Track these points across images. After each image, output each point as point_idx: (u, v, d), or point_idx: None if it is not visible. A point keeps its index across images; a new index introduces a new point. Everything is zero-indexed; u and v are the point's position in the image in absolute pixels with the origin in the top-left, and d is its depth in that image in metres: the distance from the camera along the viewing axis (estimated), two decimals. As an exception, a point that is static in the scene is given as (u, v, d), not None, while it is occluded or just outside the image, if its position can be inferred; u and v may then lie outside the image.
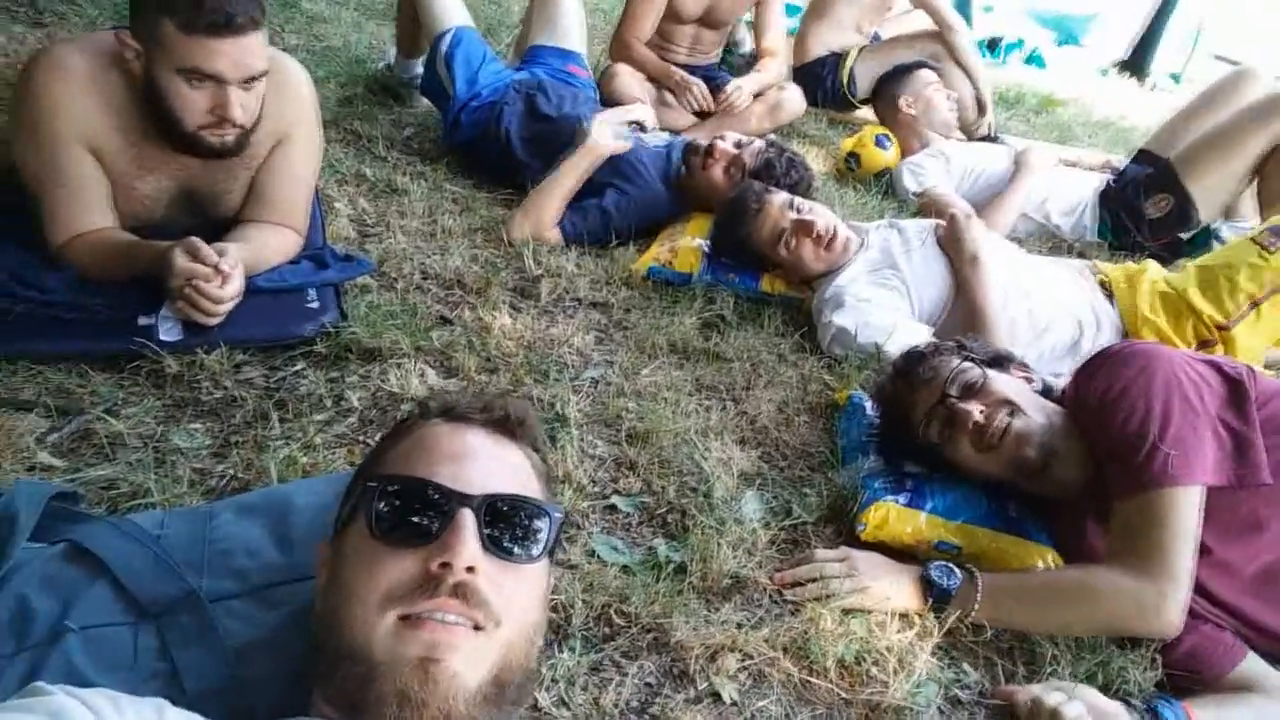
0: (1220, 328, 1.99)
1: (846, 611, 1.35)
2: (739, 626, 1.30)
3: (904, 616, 1.37)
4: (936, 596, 1.38)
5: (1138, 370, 1.42)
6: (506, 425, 0.95)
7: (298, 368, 1.73)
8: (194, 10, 1.53)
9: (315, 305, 1.84)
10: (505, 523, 0.87)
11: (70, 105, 1.66)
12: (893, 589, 1.39)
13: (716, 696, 1.20)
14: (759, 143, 2.53)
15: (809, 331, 2.14)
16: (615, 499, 1.52)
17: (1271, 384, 1.50)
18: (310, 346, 1.76)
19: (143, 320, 1.69)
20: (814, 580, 1.39)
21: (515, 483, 0.91)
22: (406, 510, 0.84)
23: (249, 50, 1.61)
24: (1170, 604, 1.27)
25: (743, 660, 1.25)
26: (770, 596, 1.38)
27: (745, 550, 1.44)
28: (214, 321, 1.68)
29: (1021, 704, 1.24)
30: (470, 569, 0.81)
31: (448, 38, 2.77)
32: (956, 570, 1.40)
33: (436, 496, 0.85)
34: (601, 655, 1.23)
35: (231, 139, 1.71)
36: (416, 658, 0.78)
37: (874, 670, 1.27)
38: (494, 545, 0.85)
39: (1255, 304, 1.99)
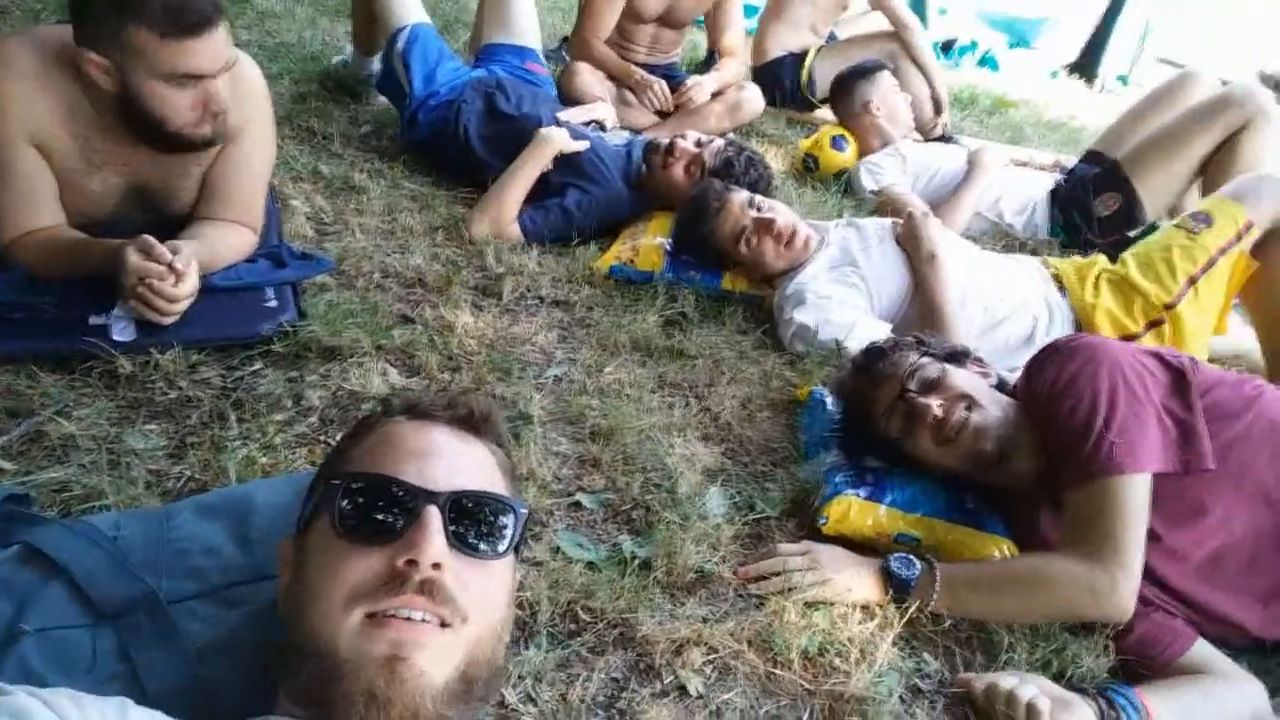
0: (1167, 306, 2.06)
1: (809, 604, 1.37)
2: (704, 620, 1.31)
3: (865, 608, 1.39)
4: (897, 587, 1.40)
5: (1083, 362, 1.46)
6: (471, 421, 0.95)
7: (255, 367, 1.70)
8: (170, 16, 1.53)
9: (273, 304, 1.81)
10: (471, 519, 0.87)
11: (15, 102, 1.62)
12: (854, 581, 1.41)
13: (683, 690, 1.21)
14: (719, 141, 2.55)
15: (770, 328, 2.16)
16: (580, 496, 1.53)
17: (1212, 373, 1.55)
18: (268, 346, 1.74)
19: (94, 320, 1.65)
20: (777, 574, 1.41)
21: (480, 479, 0.91)
22: (371, 508, 0.84)
23: (221, 41, 1.61)
24: (1122, 589, 1.31)
25: (708, 654, 1.26)
26: (735, 590, 1.39)
27: (709, 545, 1.45)
28: (169, 321, 1.65)
29: (979, 691, 1.27)
30: (436, 566, 0.81)
31: (404, 34, 2.75)
32: (916, 561, 1.42)
33: (401, 494, 0.85)
34: (568, 651, 1.23)
35: (210, 129, 1.70)
36: (383, 656, 0.78)
37: (837, 661, 1.29)
38: (460, 542, 0.85)
39: (1192, 281, 2.07)
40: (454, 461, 0.90)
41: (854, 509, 1.52)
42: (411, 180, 2.59)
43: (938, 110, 3.81)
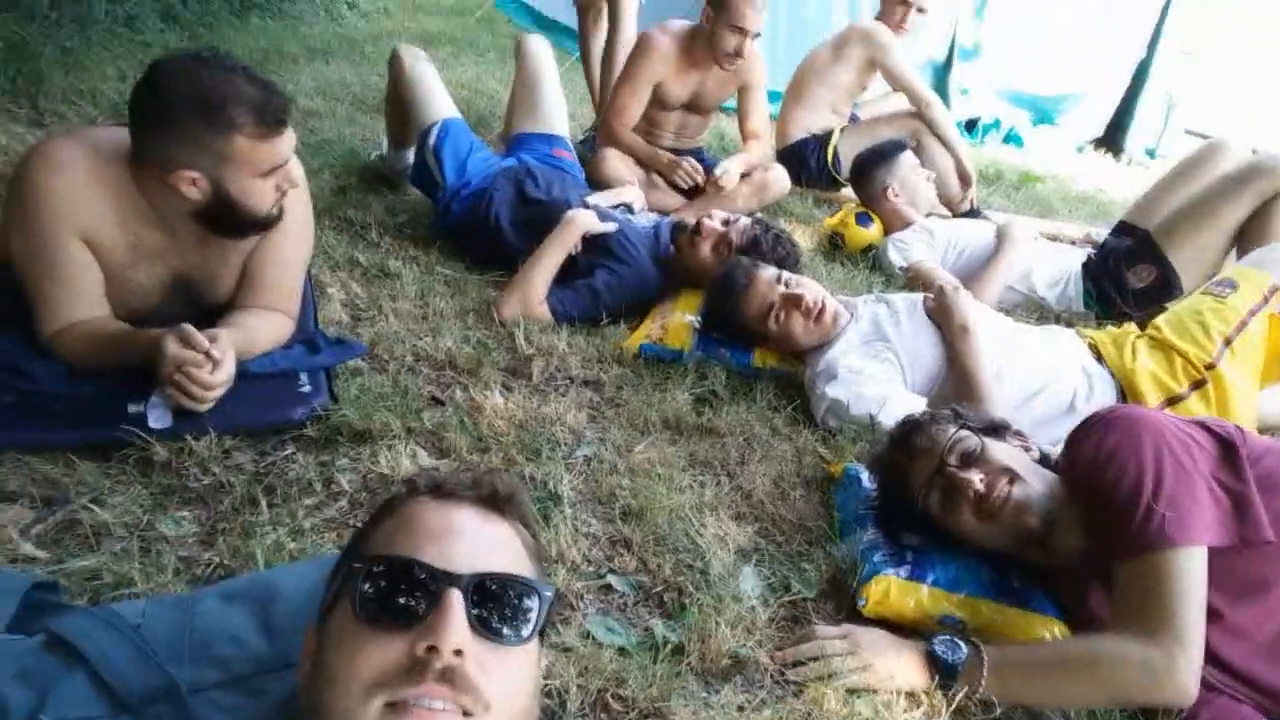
0: (1208, 366, 2.02)
1: (851, 691, 1.31)
2: (740, 709, 1.26)
3: (910, 695, 1.33)
4: (942, 672, 1.34)
5: (1124, 432, 1.41)
6: (495, 501, 0.94)
7: (287, 452, 1.71)
8: (262, 120, 1.64)
9: (307, 389, 1.83)
10: (494, 603, 0.85)
11: (66, 198, 1.68)
12: (897, 666, 1.35)
13: (719, 784, 1.16)
14: (745, 220, 2.57)
15: (802, 404, 2.14)
16: (610, 578, 1.50)
17: (1261, 442, 1.50)
18: (301, 430, 1.75)
19: (132, 408, 1.68)
20: (816, 659, 1.35)
21: (504, 560, 0.89)
22: (392, 591, 0.82)
23: (291, 128, 1.74)
24: (1180, 669, 1.24)
25: (745, 744, 1.21)
26: (771, 677, 1.34)
27: (744, 628, 1.40)
28: (204, 408, 1.67)
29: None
30: (458, 652, 0.79)
31: (436, 129, 2.84)
32: (962, 645, 1.37)
33: (423, 576, 0.83)
34: (598, 742, 1.19)
35: (282, 202, 1.81)
36: None
37: (881, 752, 1.23)
38: (483, 626, 0.83)
39: (1228, 341, 2.04)
40: (477, 543, 0.88)
41: (894, 589, 1.47)
42: (445, 266, 2.64)
43: (965, 184, 3.83)
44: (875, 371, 2.08)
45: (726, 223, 2.54)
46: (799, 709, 1.27)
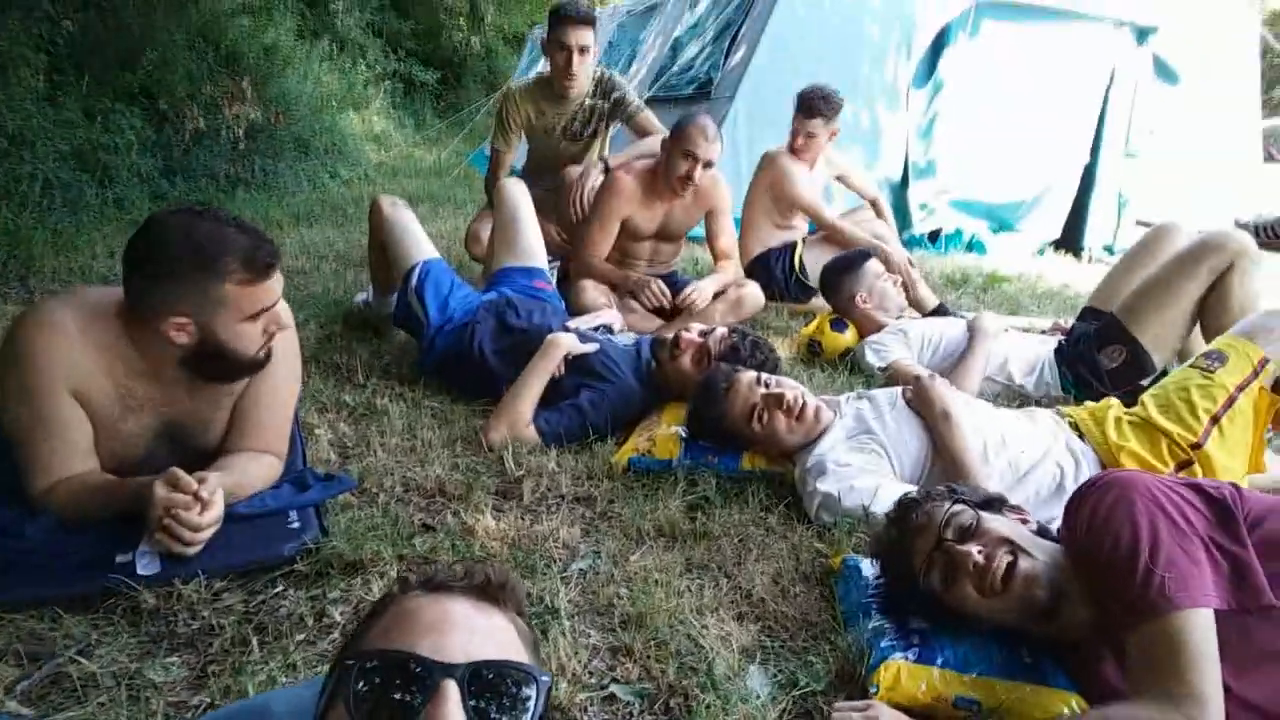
0: (1194, 446, 2.02)
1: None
2: (757, 809, 1.21)
3: (931, 779, 1.28)
4: None
5: (1117, 497, 1.41)
6: (489, 591, 0.93)
7: (278, 589, 1.69)
8: (251, 266, 1.71)
9: (296, 525, 1.83)
10: (491, 692, 0.83)
11: (57, 355, 1.72)
12: None
13: None
14: (722, 329, 2.64)
15: (794, 503, 2.14)
16: (614, 688, 1.46)
17: (1262, 501, 1.48)
18: (291, 566, 1.73)
19: (120, 558, 1.67)
20: None
21: (500, 649, 0.88)
22: (387, 686, 0.81)
23: (279, 272, 1.81)
24: None
25: (765, 846, 1.15)
26: (786, 772, 1.29)
27: (754, 726, 1.36)
28: (193, 551, 1.66)
29: None
30: None
31: (417, 270, 2.94)
32: None
33: (417, 670, 0.82)
34: None
35: (271, 345, 1.86)
36: None
37: (908, 843, 1.17)
38: (480, 717, 0.81)
39: (1215, 420, 2.04)
40: (472, 632, 0.88)
41: (904, 673, 1.44)
42: (431, 399, 2.68)
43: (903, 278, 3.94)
44: (864, 463, 2.10)
45: (704, 334, 2.60)
46: (818, 804, 1.22)
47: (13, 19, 5.25)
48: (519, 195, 3.24)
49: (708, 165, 3.44)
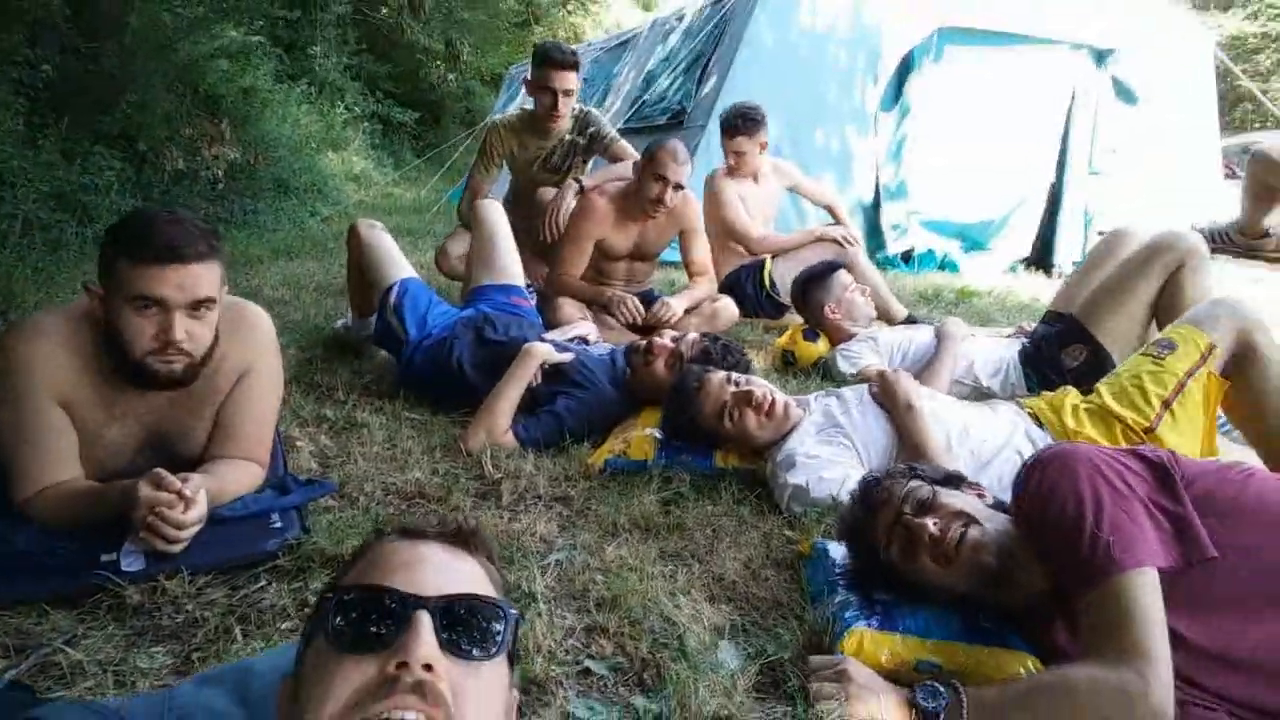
0: (1147, 430, 2.10)
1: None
2: (726, 764, 1.25)
3: (893, 731, 1.33)
4: (925, 718, 1.35)
5: (1060, 467, 1.48)
6: (460, 536, 0.99)
7: (260, 584, 1.73)
8: (142, 243, 1.69)
9: (278, 525, 1.87)
10: (462, 625, 0.89)
11: (42, 362, 1.77)
12: (881, 709, 1.35)
13: (710, 835, 1.14)
14: (693, 334, 2.71)
15: (766, 495, 2.20)
16: (589, 663, 1.50)
17: (1195, 464, 1.56)
18: (273, 562, 1.77)
19: (105, 557, 1.70)
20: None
21: (471, 587, 0.93)
22: (364, 617, 0.86)
23: (195, 277, 1.73)
24: (1154, 687, 1.24)
25: (734, 796, 1.20)
26: (754, 730, 1.34)
27: (724, 692, 1.41)
28: (176, 549, 1.70)
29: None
30: (428, 668, 0.82)
31: (395, 289, 3.00)
32: (941, 689, 1.37)
33: (392, 603, 0.87)
34: (585, 808, 1.17)
35: (179, 367, 1.78)
36: None
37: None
38: (452, 646, 0.86)
39: (1167, 404, 2.11)
40: (444, 571, 0.93)
41: (867, 640, 1.49)
42: (411, 412, 2.73)
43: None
44: (832, 455, 2.16)
45: (676, 339, 2.68)
46: (784, 756, 1.26)
47: (-8, 64, 5.34)
48: (496, 216, 3.32)
49: (678, 188, 3.55)
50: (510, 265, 3.22)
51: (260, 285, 4.74)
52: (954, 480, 1.70)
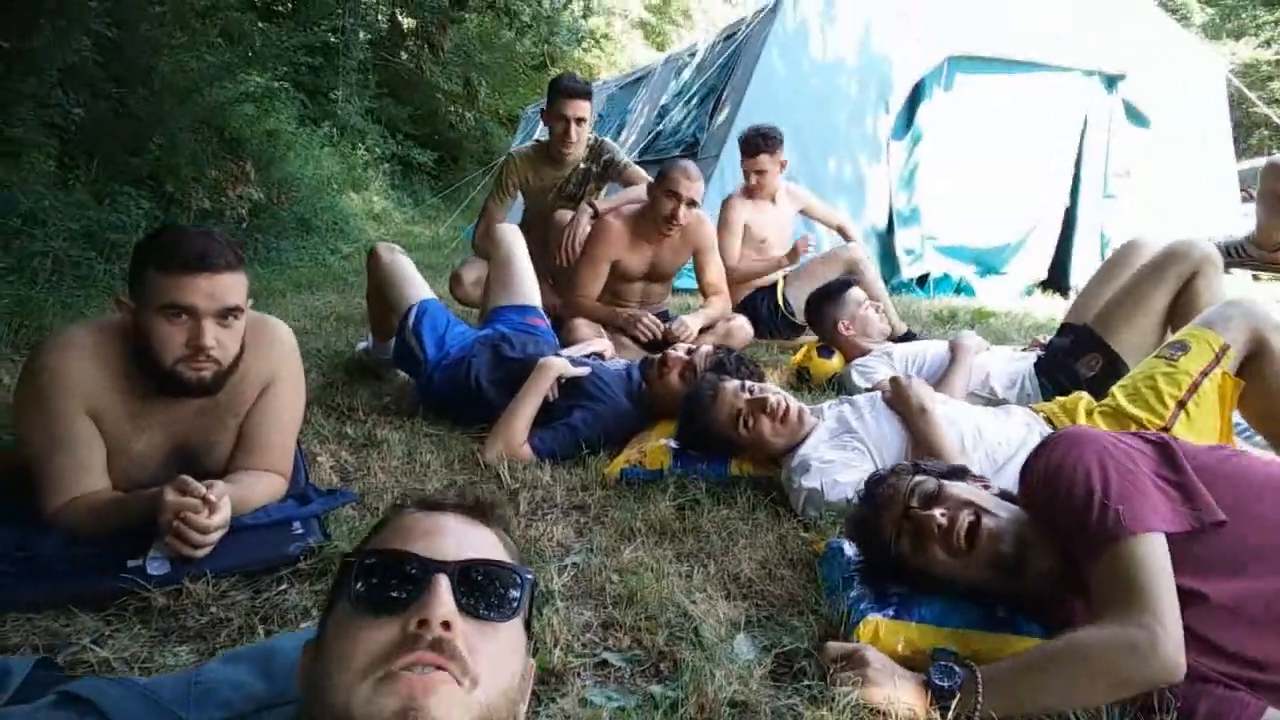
0: (1162, 430, 2.09)
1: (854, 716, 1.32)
2: (742, 747, 1.26)
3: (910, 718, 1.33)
4: (940, 697, 1.35)
5: (1066, 448, 1.50)
6: (478, 508, 1.02)
7: (282, 587, 1.75)
8: (173, 253, 1.75)
9: (300, 532, 1.90)
10: (480, 589, 0.91)
11: (73, 374, 1.82)
12: (897, 692, 1.36)
13: (727, 813, 1.15)
14: (707, 347, 2.75)
15: (781, 500, 2.21)
16: (606, 655, 1.51)
17: (1192, 445, 1.59)
18: (295, 566, 1.80)
19: (131, 563, 1.73)
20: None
21: (488, 554, 0.96)
22: (384, 582, 0.89)
23: (223, 286, 1.79)
24: (1162, 643, 1.25)
25: (750, 776, 1.21)
26: (771, 713, 1.34)
27: (740, 679, 1.41)
28: (201, 553, 1.73)
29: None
30: (446, 626, 0.85)
31: (414, 310, 3.06)
32: (956, 669, 1.38)
33: (412, 568, 0.90)
34: (602, 788, 1.18)
35: (208, 374, 1.83)
36: (395, 710, 0.79)
37: (888, 773, 1.22)
38: (469, 608, 0.89)
39: (1181, 405, 2.11)
40: (462, 539, 0.96)
41: (882, 629, 1.50)
42: (430, 428, 2.77)
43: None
44: (847, 460, 2.17)
45: (690, 351, 2.71)
46: (800, 737, 1.27)
47: (25, 107, 5.51)
48: (514, 239, 3.39)
49: (691, 204, 3.60)
50: (528, 287, 3.27)
51: (283, 316, 4.76)
52: (958, 473, 1.72)
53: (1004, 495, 1.67)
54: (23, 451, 1.87)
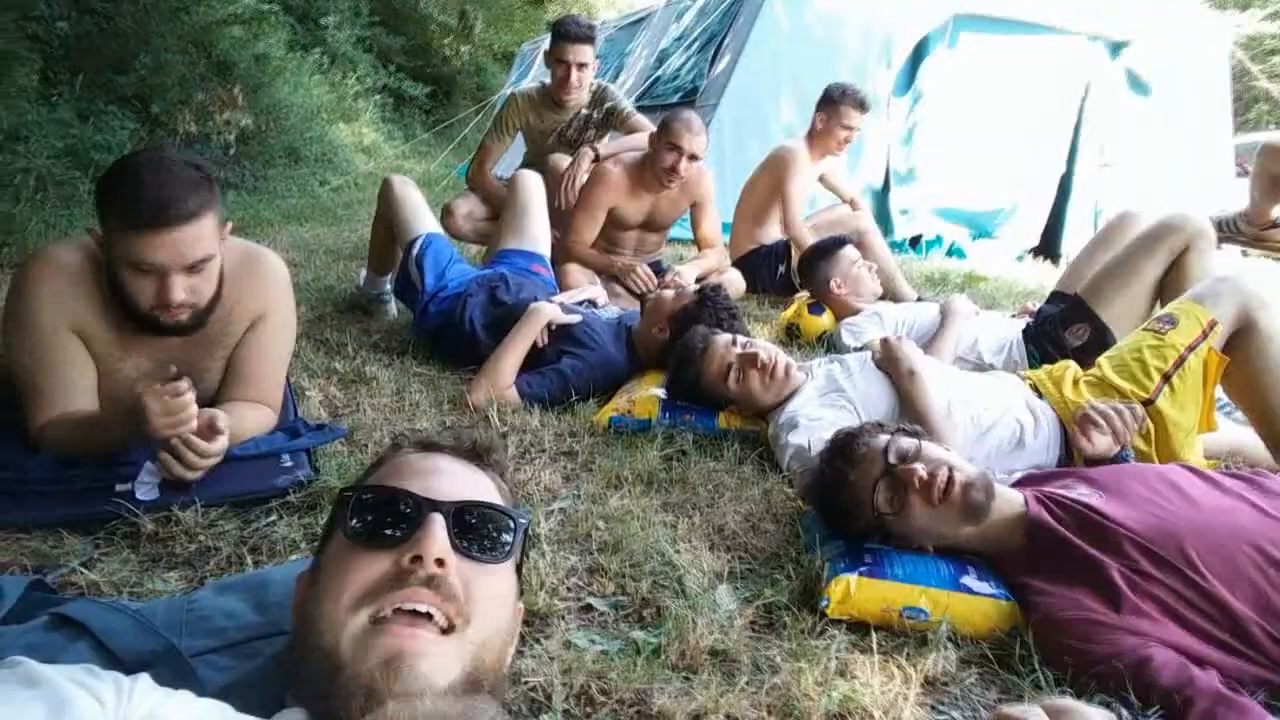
0: (1146, 403, 2.12)
1: (829, 669, 1.35)
2: (720, 693, 1.29)
3: (883, 669, 1.37)
4: None
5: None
6: (474, 451, 1.03)
7: (271, 519, 1.77)
8: (130, 208, 1.65)
9: (289, 464, 1.91)
10: (474, 531, 0.92)
11: (59, 293, 1.80)
12: None
13: (705, 756, 1.18)
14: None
15: (767, 455, 2.23)
16: (590, 600, 1.54)
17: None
18: (284, 499, 1.81)
19: (120, 487, 1.74)
20: None
21: (483, 497, 0.97)
22: (379, 518, 0.90)
23: (187, 240, 1.70)
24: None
25: (728, 722, 1.24)
26: (750, 663, 1.38)
27: (721, 629, 1.45)
28: (192, 475, 1.72)
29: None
30: (440, 563, 0.86)
31: (419, 241, 3.04)
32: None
33: (407, 506, 0.91)
34: (584, 727, 1.21)
35: (185, 317, 1.80)
36: (382, 660, 0.80)
37: (861, 724, 1.26)
38: (463, 549, 0.90)
39: (1166, 378, 2.14)
40: (457, 480, 0.97)
41: (854, 586, 1.53)
42: (421, 366, 2.77)
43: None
44: (835, 418, 2.19)
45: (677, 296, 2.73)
46: (779, 686, 1.30)
47: (8, 17, 5.35)
48: (536, 187, 3.36)
49: (693, 158, 3.56)
50: (539, 235, 3.26)
51: (272, 248, 4.75)
52: (917, 435, 1.76)
53: None
54: (10, 372, 1.86)
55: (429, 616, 0.84)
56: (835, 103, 4.36)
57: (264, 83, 8.55)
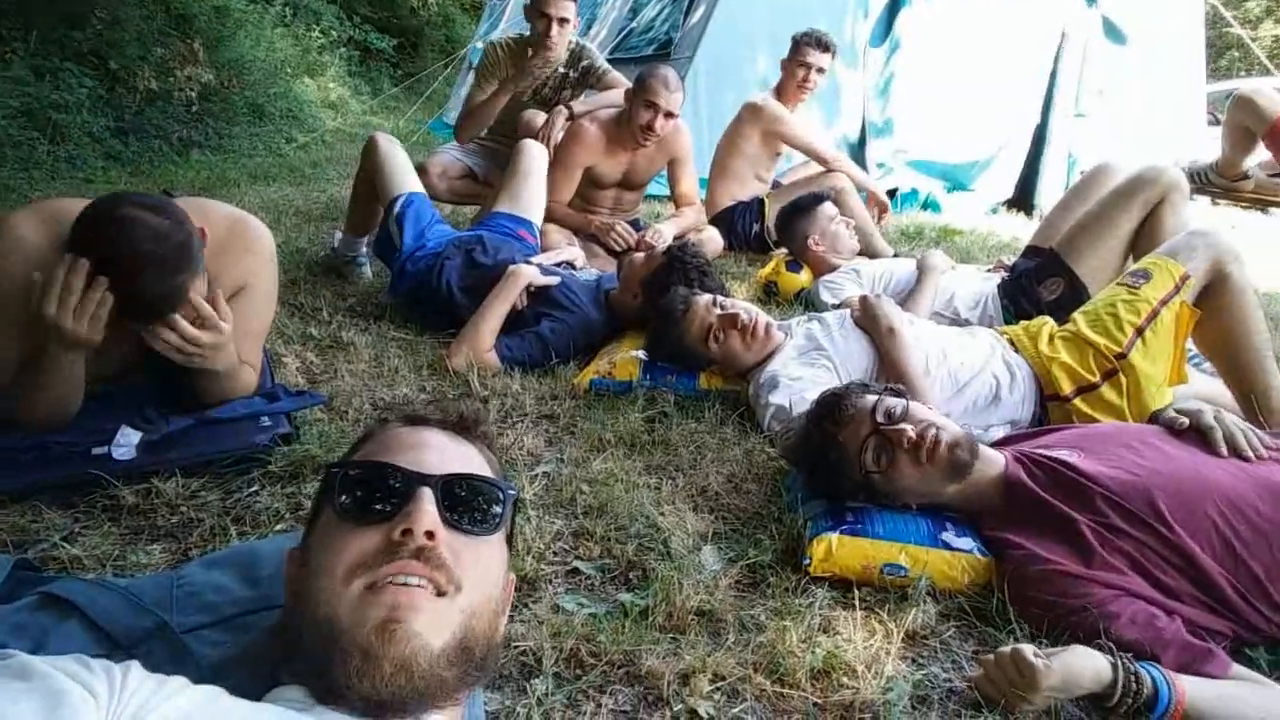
0: (1119, 355, 2.16)
1: (813, 627, 1.38)
2: (708, 653, 1.32)
3: (865, 625, 1.40)
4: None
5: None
6: (462, 424, 1.02)
7: (254, 488, 1.76)
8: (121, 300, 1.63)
9: (268, 424, 1.90)
10: (463, 503, 0.92)
11: (36, 267, 1.76)
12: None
13: (694, 714, 1.21)
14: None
15: (748, 415, 2.25)
16: (577, 563, 1.56)
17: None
18: (266, 467, 1.80)
19: (96, 450, 1.72)
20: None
21: (471, 469, 0.97)
22: (368, 494, 0.90)
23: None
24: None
25: (714, 681, 1.27)
26: (735, 623, 1.40)
27: (706, 589, 1.47)
28: (178, 358, 1.72)
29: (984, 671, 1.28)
30: (430, 535, 0.86)
31: (400, 200, 3.00)
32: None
33: (395, 481, 0.91)
34: (574, 689, 1.23)
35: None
36: (379, 619, 0.81)
37: (844, 679, 1.29)
38: (452, 522, 0.90)
39: (1139, 331, 2.17)
40: (445, 453, 0.97)
41: (835, 544, 1.56)
42: (398, 331, 2.75)
43: (881, 211, 4.12)
44: (814, 377, 2.21)
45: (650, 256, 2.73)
46: (764, 645, 1.33)
47: (-46, -29, 5.15)
48: (539, 158, 3.32)
49: (669, 115, 3.52)
50: (533, 203, 3.22)
51: (240, 208, 4.68)
52: (899, 395, 1.78)
53: None
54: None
55: (421, 587, 0.84)
56: (796, 44, 4.33)
57: (225, 36, 8.30)
